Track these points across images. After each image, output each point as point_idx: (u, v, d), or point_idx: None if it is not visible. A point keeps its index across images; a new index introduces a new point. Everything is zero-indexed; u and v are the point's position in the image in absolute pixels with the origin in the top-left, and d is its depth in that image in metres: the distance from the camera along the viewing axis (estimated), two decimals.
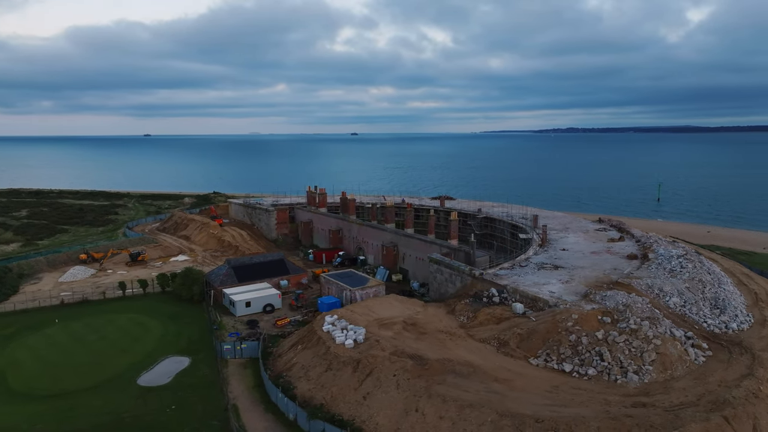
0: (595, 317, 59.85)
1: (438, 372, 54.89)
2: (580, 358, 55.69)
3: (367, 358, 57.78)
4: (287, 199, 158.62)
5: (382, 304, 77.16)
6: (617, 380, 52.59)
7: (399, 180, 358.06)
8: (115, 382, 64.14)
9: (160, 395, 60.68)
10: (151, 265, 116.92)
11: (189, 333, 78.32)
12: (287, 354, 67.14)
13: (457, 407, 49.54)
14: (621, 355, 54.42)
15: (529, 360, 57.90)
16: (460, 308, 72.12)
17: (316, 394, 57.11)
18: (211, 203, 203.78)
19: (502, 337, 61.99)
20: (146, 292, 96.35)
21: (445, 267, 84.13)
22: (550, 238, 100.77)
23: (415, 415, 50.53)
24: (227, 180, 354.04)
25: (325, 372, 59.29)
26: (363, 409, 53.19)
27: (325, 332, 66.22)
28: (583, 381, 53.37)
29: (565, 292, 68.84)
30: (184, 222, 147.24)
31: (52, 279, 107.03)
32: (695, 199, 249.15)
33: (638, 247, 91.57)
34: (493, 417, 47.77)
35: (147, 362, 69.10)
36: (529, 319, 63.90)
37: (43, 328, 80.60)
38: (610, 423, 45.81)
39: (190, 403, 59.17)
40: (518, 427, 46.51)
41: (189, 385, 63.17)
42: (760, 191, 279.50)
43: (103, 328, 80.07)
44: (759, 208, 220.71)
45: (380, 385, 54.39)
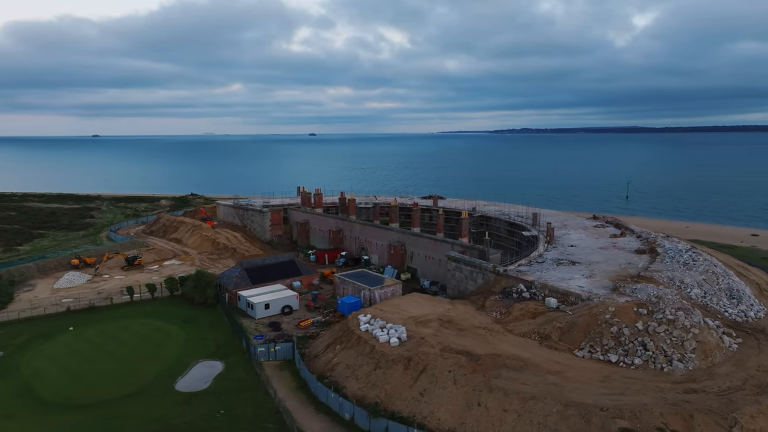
0: (631, 309, 62.42)
1: (491, 367, 56.08)
2: (624, 348, 58.03)
3: (418, 355, 58.42)
4: (277, 200, 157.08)
5: (409, 302, 77.90)
6: (663, 368, 55.12)
7: (372, 180, 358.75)
8: (151, 388, 62.48)
9: (204, 400, 59.55)
10: (149, 269, 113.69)
11: (214, 337, 76.90)
12: (325, 354, 66.99)
13: (520, 400, 50.87)
14: (664, 345, 57.05)
15: (574, 352, 59.89)
16: (491, 304, 73.69)
17: (368, 393, 57.36)
18: (189, 205, 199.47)
19: (542, 331, 63.82)
20: (154, 296, 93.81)
21: (465, 265, 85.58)
22: (554, 235, 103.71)
23: (477, 409, 51.55)
24: (197, 181, 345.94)
25: (374, 371, 59.58)
26: (422, 405, 53.83)
27: (363, 331, 66.42)
28: (631, 370, 55.70)
29: (593, 286, 71.38)
30: (173, 225, 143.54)
31: (46, 285, 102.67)
32: (659, 197, 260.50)
33: (642, 242, 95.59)
34: (558, 408, 49.32)
35: (179, 367, 67.54)
36: (565, 313, 65.96)
37: (56, 336, 77.49)
38: (671, 408, 48.12)
39: (238, 407, 58.36)
40: (584, 416, 48.21)
41: (230, 389, 62.20)
42: (714, 188, 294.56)
43: (120, 335, 77.69)
44: (717, 205, 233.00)
45: (436, 382, 55.13)
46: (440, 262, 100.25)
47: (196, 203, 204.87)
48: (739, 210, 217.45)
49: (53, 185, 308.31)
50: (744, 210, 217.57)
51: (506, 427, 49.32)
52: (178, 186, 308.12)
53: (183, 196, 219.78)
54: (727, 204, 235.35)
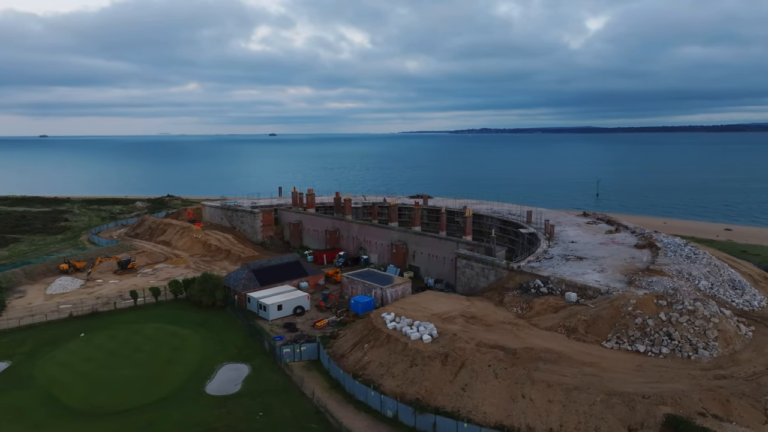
0: (651, 301, 65.12)
1: (528, 360, 57.56)
2: (650, 338, 60.52)
3: (455, 351, 59.37)
4: (263, 201, 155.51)
5: (427, 299, 78.85)
6: (690, 356, 57.84)
7: (344, 180, 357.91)
8: (181, 393, 61.25)
9: (239, 403, 58.80)
10: (142, 272, 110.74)
11: (231, 340, 75.77)
12: (353, 354, 67.12)
13: (564, 391, 52.49)
14: (688, 334, 59.82)
15: (602, 344, 62.06)
16: (509, 300, 75.37)
17: (408, 389, 57.93)
18: (167, 207, 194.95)
19: (567, 324, 65.81)
20: (158, 300, 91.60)
21: (476, 262, 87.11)
22: (553, 232, 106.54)
23: (522, 401, 52.86)
24: (168, 183, 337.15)
25: (410, 368, 60.17)
26: (464, 400, 54.76)
27: (392, 329, 66.95)
28: (660, 359, 58.18)
29: (609, 280, 73.99)
30: (160, 227, 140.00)
31: (37, 292, 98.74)
32: (627, 194, 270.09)
33: (638, 238, 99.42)
34: (602, 397, 51.15)
35: (204, 371, 66.36)
36: (586, 306, 68.19)
37: (63, 343, 74.77)
38: (708, 394, 50.70)
39: (275, 408, 57.91)
40: (628, 404, 50.20)
41: (263, 391, 61.59)
42: (676, 186, 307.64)
43: (133, 340, 75.66)
44: (683, 201, 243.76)
45: (477, 376, 56.16)
46: (444, 260, 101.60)
47: (174, 205, 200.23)
48: (704, 206, 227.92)
49: (12, 187, 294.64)
50: (708, 206, 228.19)
51: (553, 418, 50.83)
52: (146, 187, 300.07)
53: (159, 197, 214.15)
54: (692, 200, 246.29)
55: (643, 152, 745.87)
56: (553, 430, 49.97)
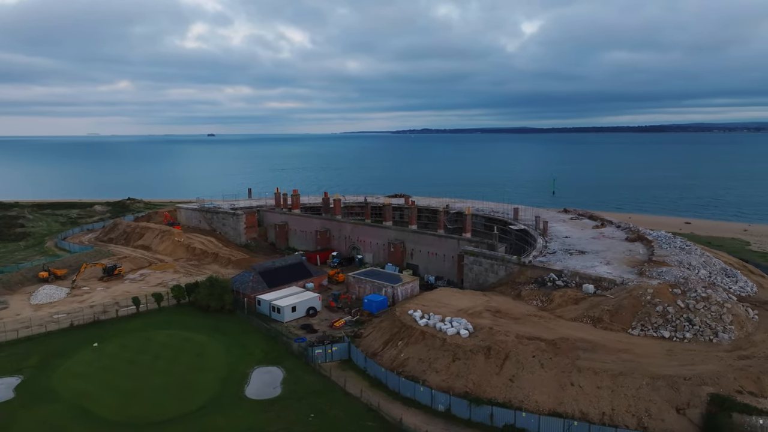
0: (666, 290, 69.40)
1: (567, 349, 60.13)
2: (672, 325, 64.57)
3: (497, 344, 61.16)
4: (242, 202, 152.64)
5: (446, 296, 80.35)
6: (712, 340, 62.19)
7: (303, 180, 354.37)
8: (221, 399, 59.82)
9: (286, 406, 58.18)
10: (130, 279, 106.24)
11: (253, 343, 74.44)
12: (387, 351, 67.63)
13: (610, 377, 55.32)
14: (706, 319, 64.27)
15: (628, 331, 65.59)
16: (527, 294, 78.07)
17: (454, 383, 59.17)
18: (129, 210, 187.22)
19: (591, 314, 69.06)
20: (160, 306, 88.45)
21: (485, 258, 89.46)
22: (537, 227, 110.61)
23: (572, 389, 55.29)
24: (114, 185, 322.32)
25: (453, 362, 61.42)
26: (514, 391, 56.62)
27: (424, 326, 68.00)
28: (685, 344, 62.21)
29: (620, 272, 78.10)
30: (137, 231, 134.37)
31: (21, 302, 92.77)
32: (580, 191, 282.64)
33: (625, 232, 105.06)
34: (647, 380, 54.32)
35: (236, 376, 65.00)
36: (605, 297, 71.78)
37: (73, 354, 71.03)
38: (740, 373, 54.88)
39: (325, 409, 57.69)
40: (672, 386, 53.60)
41: (306, 392, 61.11)
42: (620, 182, 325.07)
43: (148, 348, 72.91)
44: (633, 197, 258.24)
45: (523, 367, 58.16)
46: (445, 257, 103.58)
47: (137, 208, 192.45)
48: (652, 202, 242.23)
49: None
50: (657, 202, 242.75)
51: (604, 403, 53.52)
52: (95, 190, 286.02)
53: (120, 201, 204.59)
54: (639, 196, 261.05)
55: (580, 151, 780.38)
56: (606, 415, 52.65)
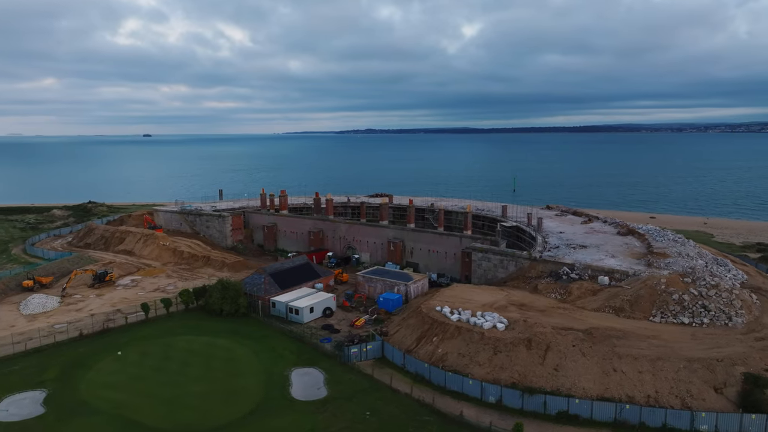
0: (678, 279, 74.10)
1: (603, 338, 63.22)
2: (690, 311, 69.05)
3: (536, 335, 63.47)
4: (222, 204, 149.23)
5: (465, 291, 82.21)
6: (727, 324, 67.04)
7: (265, 181, 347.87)
8: (269, 403, 59.02)
9: (339, 406, 58.13)
10: (123, 285, 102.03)
11: (280, 345, 73.65)
12: (422, 347, 68.68)
13: (649, 361, 58.75)
14: (719, 305, 69.18)
15: (649, 319, 69.58)
16: (544, 287, 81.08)
17: (499, 375, 61.01)
18: (92, 214, 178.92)
19: (612, 304, 72.71)
20: (169, 312, 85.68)
21: (494, 254, 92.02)
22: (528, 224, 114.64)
23: (615, 374, 58.30)
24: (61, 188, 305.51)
25: (495, 355, 63.24)
26: (560, 379, 59.05)
27: (457, 321, 69.52)
28: (704, 328, 66.69)
29: (628, 264, 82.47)
30: (117, 235, 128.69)
31: (10, 313, 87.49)
32: (539, 189, 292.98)
33: (614, 226, 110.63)
34: (684, 363, 58.11)
35: (276, 379, 64.21)
36: (621, 287, 75.69)
37: (94, 364, 67.87)
38: (763, 353, 59.64)
39: (378, 407, 58.05)
40: (708, 367, 57.62)
41: (353, 391, 61.26)
42: (570, 180, 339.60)
43: (172, 354, 70.72)
44: (587, 193, 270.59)
45: (565, 357, 60.72)
46: (446, 254, 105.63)
47: (100, 212, 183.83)
48: (608, 197, 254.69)
49: None
50: (609, 197, 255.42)
51: (647, 386, 56.82)
52: (36, 194, 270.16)
53: (80, 204, 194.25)
54: (594, 193, 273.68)
55: (525, 151, 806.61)
56: (651, 397, 55.95)
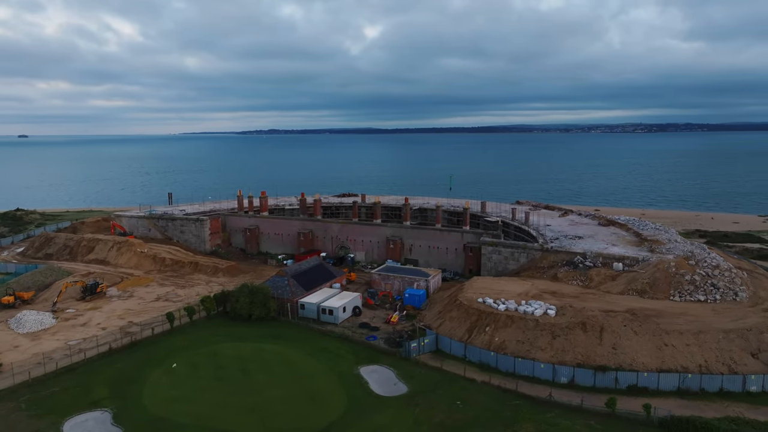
0: (684, 262, 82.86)
1: (644, 317, 69.69)
2: (702, 290, 77.63)
3: (589, 319, 68.61)
4: (189, 207, 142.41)
5: (493, 283, 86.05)
6: (735, 299, 76.26)
7: (187, 184, 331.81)
8: (356, 402, 59.05)
9: (428, 398, 59.49)
10: (117, 297, 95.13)
11: (333, 345, 73.24)
12: (476, 338, 71.46)
13: (693, 335, 65.83)
14: (725, 283, 78.48)
15: (669, 299, 77.35)
16: (564, 275, 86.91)
17: (564, 357, 65.39)
18: (23, 222, 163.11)
19: (634, 287, 79.81)
20: (192, 319, 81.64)
21: (505, 247, 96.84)
22: (513, 218, 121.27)
23: (667, 349, 64.73)
24: None
25: (554, 339, 67.56)
26: (620, 357, 64.51)
27: (505, 311, 73.17)
28: (719, 304, 75.36)
29: (633, 251, 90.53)
30: (83, 244, 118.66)
31: (4, 333, 78.86)
32: (473, 186, 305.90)
33: (591, 218, 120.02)
34: (722, 335, 65.77)
35: (350, 379, 64.10)
36: (636, 272, 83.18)
37: (144, 379, 63.76)
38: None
39: (464, 396, 60.06)
40: (742, 336, 65.69)
41: (432, 383, 62.81)
42: (499, 177, 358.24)
43: (225, 362, 67.97)
44: (520, 189, 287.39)
45: (619, 336, 66.32)
46: (447, 250, 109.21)
47: (32, 219, 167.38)
48: (535, 193, 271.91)
49: None
50: (537, 192, 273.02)
51: (696, 356, 63.75)
52: None
53: (7, 212, 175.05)
54: (526, 188, 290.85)
55: (435, 150, 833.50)
56: (702, 366, 62.83)
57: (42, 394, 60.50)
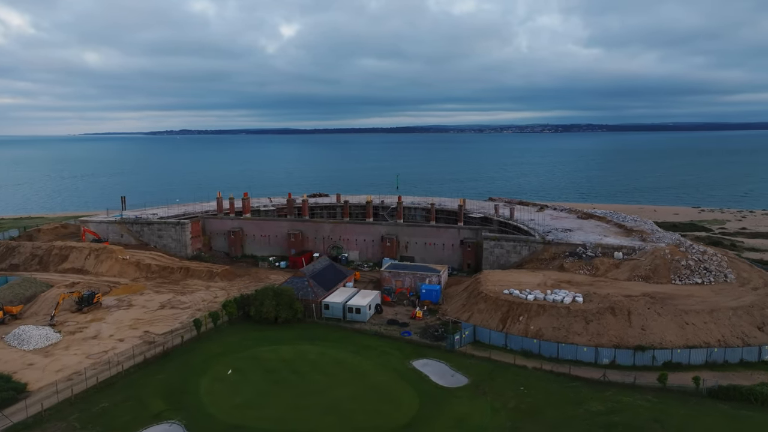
0: (677, 249, 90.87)
1: (661, 300, 76.13)
2: (698, 274, 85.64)
3: (616, 304, 73.89)
4: (159, 210, 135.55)
5: (510, 275, 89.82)
6: (726, 281, 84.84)
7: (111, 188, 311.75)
8: (427, 395, 60.18)
9: (492, 386, 61.78)
10: (116, 307, 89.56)
11: (374, 344, 73.72)
12: (512, 327, 74.78)
13: (707, 313, 72.86)
14: (715, 267, 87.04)
15: (672, 282, 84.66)
16: (570, 265, 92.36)
17: (600, 340, 70.14)
18: None
19: (638, 274, 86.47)
20: (216, 325, 78.84)
21: (507, 241, 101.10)
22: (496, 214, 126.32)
23: (688, 327, 71.16)
24: None
25: (587, 325, 72.18)
26: (649, 337, 70.15)
27: (534, 300, 77.07)
28: (714, 285, 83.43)
29: (627, 241, 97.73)
30: (55, 252, 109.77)
31: (13, 353, 72.08)
32: (417, 186, 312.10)
33: (568, 212, 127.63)
34: (731, 312, 73.25)
35: (408, 373, 65.21)
36: (636, 260, 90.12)
37: (197, 387, 61.39)
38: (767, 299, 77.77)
39: (524, 383, 62.91)
40: (747, 312, 73.51)
41: (488, 372, 65.31)
42: (442, 176, 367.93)
43: (273, 367, 66.80)
44: (464, 186, 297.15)
45: (646, 318, 72.07)
46: (444, 246, 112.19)
47: None
48: (477, 190, 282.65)
49: None
50: (479, 189, 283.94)
51: (714, 332, 70.68)
52: None
53: None
54: (468, 186, 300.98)
55: (357, 150, 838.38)
56: (721, 341, 69.78)
57: (92, 411, 56.53)
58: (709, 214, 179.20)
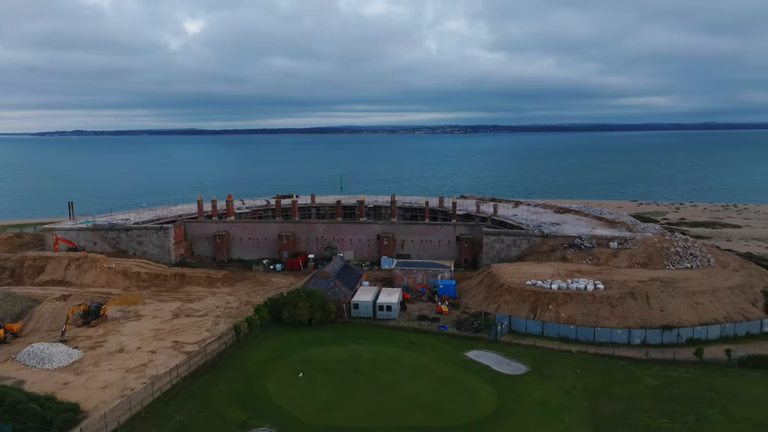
0: (663, 238, 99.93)
1: (668, 283, 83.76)
2: (686, 259, 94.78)
3: (635, 289, 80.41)
4: (129, 214, 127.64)
5: (522, 267, 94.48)
6: (709, 265, 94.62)
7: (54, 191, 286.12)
8: (497, 384, 62.63)
9: (551, 370, 65.35)
10: (122, 319, 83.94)
11: (420, 340, 75.18)
12: (543, 315, 79.24)
13: (710, 293, 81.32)
14: (698, 253, 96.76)
15: (666, 268, 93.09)
16: (572, 256, 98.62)
17: (627, 322, 76.24)
18: None
19: (636, 261, 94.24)
20: (251, 329, 76.50)
21: (507, 235, 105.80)
22: (478, 211, 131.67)
23: (698, 306, 79.07)
24: None
25: (613, 309, 78.08)
26: (668, 317, 77.15)
27: (557, 289, 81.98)
28: (702, 269, 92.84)
29: (616, 232, 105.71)
30: (29, 264, 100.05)
31: (37, 374, 65.88)
32: (362, 185, 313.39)
33: (543, 208, 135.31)
34: (728, 291, 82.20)
35: (470, 365, 67.39)
36: (630, 249, 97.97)
37: (269, 396, 59.73)
38: (751, 279, 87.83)
39: (574, 365, 67.12)
40: (741, 290, 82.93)
41: (540, 358, 68.87)
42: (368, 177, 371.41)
43: (331, 367, 66.45)
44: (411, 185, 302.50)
45: (661, 301, 79.14)
46: (440, 243, 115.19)
47: None
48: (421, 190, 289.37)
49: None
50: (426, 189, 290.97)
51: (720, 309, 79.10)
52: None
53: None
54: (406, 186, 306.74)
55: (281, 151, 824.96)
56: (726, 317, 78.20)
57: (169, 425, 53.52)
58: (647, 207, 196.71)
